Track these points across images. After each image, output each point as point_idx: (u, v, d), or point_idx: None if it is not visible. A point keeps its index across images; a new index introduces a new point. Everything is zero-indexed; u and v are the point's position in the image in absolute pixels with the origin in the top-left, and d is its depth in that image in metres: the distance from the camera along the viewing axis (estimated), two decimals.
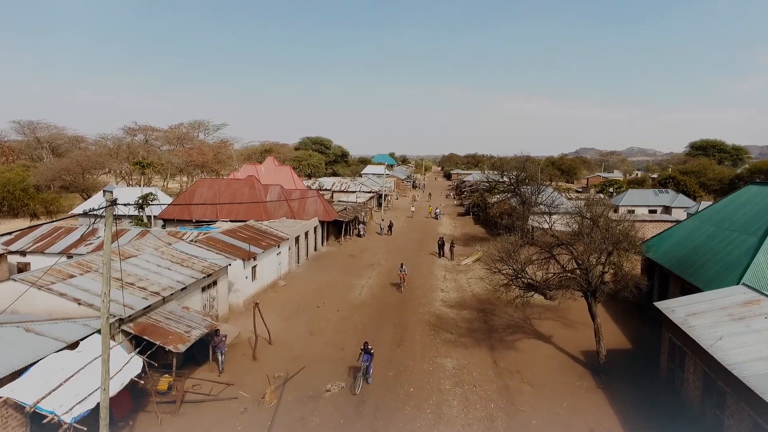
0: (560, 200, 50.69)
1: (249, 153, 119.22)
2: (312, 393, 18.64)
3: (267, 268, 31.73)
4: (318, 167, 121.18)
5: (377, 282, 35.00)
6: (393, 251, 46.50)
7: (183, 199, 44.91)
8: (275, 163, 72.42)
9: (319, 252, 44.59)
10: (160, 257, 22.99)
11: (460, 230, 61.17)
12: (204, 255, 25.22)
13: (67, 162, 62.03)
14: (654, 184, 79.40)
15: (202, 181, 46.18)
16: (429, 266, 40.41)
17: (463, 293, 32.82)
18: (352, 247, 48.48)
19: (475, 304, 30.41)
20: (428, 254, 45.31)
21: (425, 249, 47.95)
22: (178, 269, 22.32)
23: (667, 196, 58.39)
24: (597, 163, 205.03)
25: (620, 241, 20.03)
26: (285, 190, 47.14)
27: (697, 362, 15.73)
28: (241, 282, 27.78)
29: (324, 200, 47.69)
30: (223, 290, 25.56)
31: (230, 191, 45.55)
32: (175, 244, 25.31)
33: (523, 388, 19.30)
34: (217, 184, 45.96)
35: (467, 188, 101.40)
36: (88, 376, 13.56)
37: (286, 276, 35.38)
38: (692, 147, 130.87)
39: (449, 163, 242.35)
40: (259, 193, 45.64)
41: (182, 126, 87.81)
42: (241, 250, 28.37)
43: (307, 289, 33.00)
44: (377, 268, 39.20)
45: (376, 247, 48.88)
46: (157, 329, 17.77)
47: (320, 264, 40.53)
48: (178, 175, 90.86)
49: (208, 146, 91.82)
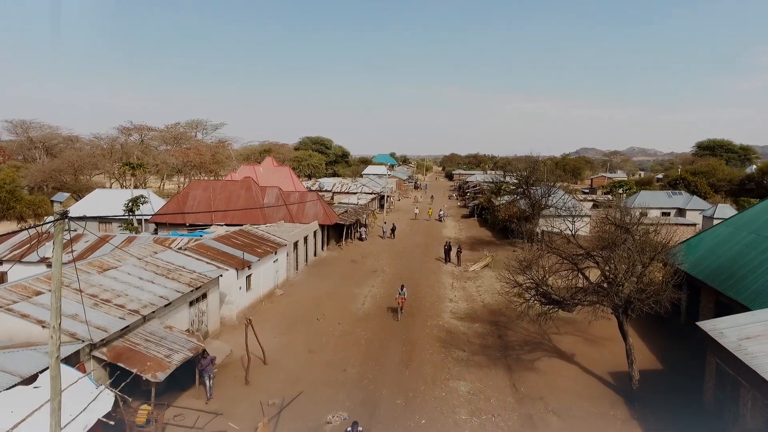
0: (572, 203, 48.54)
1: (248, 153, 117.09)
2: (311, 424, 16.49)
3: (263, 276, 29.57)
4: (318, 168, 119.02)
5: (381, 291, 32.83)
6: (397, 256, 44.34)
7: (176, 201, 42.75)
8: (274, 163, 70.26)
9: (319, 257, 42.44)
10: (143, 269, 20.83)
11: (466, 233, 59.00)
12: (193, 265, 23.05)
13: (59, 162, 59.92)
14: (663, 185, 77.17)
15: (196, 182, 44.03)
16: (435, 273, 38.21)
17: (473, 303, 30.64)
18: (354, 251, 46.33)
19: (486, 316, 28.23)
20: (434, 260, 43.13)
21: (430, 253, 45.79)
22: (163, 282, 20.16)
23: (681, 197, 56.15)
24: (600, 164, 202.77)
25: (659, 252, 17.87)
26: (283, 192, 44.97)
27: (758, 396, 13.56)
28: (235, 293, 25.62)
29: (324, 203, 45.54)
30: (213, 303, 23.40)
31: (226, 193, 43.38)
32: (162, 253, 23.13)
33: (549, 418, 17.12)
34: (211, 186, 43.80)
35: (471, 189, 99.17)
36: (44, 420, 11.37)
37: (284, 284, 33.22)
38: (699, 147, 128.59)
39: (451, 163, 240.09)
40: (256, 195, 43.47)
41: (179, 125, 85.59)
42: (235, 258, 26.20)
43: (306, 299, 30.85)
44: (381, 276, 37.02)
45: (379, 251, 46.73)
46: (135, 354, 15.60)
47: (320, 270, 38.37)
48: (175, 176, 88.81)
49: (206, 146, 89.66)
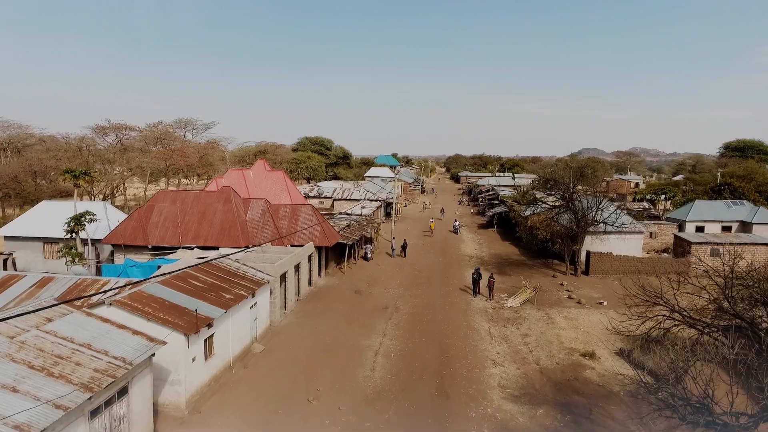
0: (624, 218, 40.03)
1: (243, 154, 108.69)
2: None
3: (234, 332, 21.15)
4: (318, 170, 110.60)
5: (397, 345, 24.38)
6: (411, 283, 35.89)
7: (137, 217, 34.32)
8: (266, 167, 61.80)
9: (315, 286, 34.00)
10: (11, 358, 12.39)
11: (488, 249, 50.50)
12: (112, 338, 14.62)
13: (16, 166, 51.54)
14: (705, 190, 68.50)
15: (163, 193, 35.55)
16: (465, 313, 29.71)
17: (525, 366, 22.17)
18: (358, 276, 37.92)
19: (550, 391, 19.75)
20: (458, 290, 34.61)
21: (452, 279, 37.30)
22: (38, 385, 11.73)
23: (743, 209, 47.56)
24: (610, 165, 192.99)
25: None
26: (271, 206, 36.48)
27: None
28: (184, 369, 17.19)
29: (322, 217, 37.08)
30: (142, 399, 14.96)
31: (199, 207, 34.93)
32: (59, 321, 14.63)
33: None
34: (182, 198, 35.34)
35: (484, 194, 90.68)
36: None
37: (265, 335, 24.80)
38: (726, 148, 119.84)
39: (456, 164, 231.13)
40: (237, 209, 35.02)
41: (162, 124, 77.10)
42: (186, 317, 17.76)
43: (294, 358, 22.47)
44: (394, 317, 28.57)
45: (389, 276, 38.31)
46: None
47: (316, 307, 29.96)
48: (163, 179, 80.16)
49: (194, 148, 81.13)
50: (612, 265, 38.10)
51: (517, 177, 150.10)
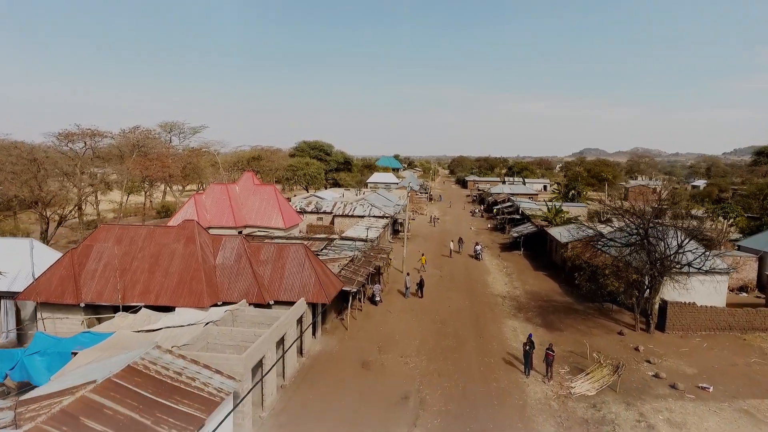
0: (712, 259, 31.11)
1: (236, 159, 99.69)
2: None
3: None
4: (316, 178, 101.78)
5: None
6: (436, 348, 26.97)
7: (68, 263, 25.41)
8: (255, 181, 52.94)
9: (307, 357, 25.11)
10: None
11: (520, 284, 41.53)
12: None
13: None
14: (762, 206, 59.61)
15: (106, 229, 26.57)
16: (520, 410, 20.65)
17: None
18: (365, 332, 29.07)
19: None
20: (501, 361, 25.61)
21: (489, 341, 28.34)
22: None
23: None
24: (620, 168, 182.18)
25: None
26: (250, 246, 27.49)
27: None
28: None
29: (317, 261, 28.21)
30: None
31: (152, 249, 26.01)
32: None
33: None
34: (129, 236, 26.41)
35: (502, 206, 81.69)
36: None
37: None
38: (757, 153, 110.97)
39: (461, 167, 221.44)
40: (203, 251, 26.09)
41: (139, 129, 68.01)
42: None
43: None
44: (421, 418, 19.65)
45: (405, 331, 29.48)
46: None
47: (306, 400, 21.05)
48: (142, 192, 71.16)
49: (176, 156, 72.15)
50: (695, 320, 29.22)
51: (528, 182, 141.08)
